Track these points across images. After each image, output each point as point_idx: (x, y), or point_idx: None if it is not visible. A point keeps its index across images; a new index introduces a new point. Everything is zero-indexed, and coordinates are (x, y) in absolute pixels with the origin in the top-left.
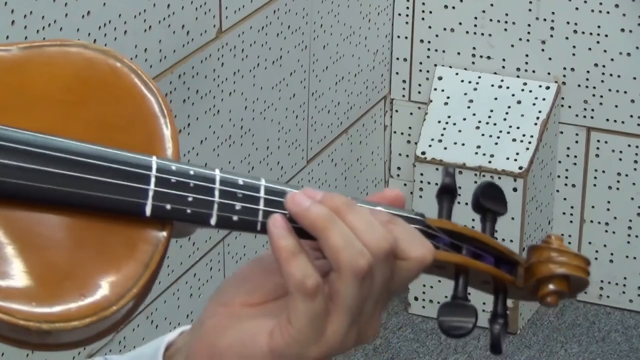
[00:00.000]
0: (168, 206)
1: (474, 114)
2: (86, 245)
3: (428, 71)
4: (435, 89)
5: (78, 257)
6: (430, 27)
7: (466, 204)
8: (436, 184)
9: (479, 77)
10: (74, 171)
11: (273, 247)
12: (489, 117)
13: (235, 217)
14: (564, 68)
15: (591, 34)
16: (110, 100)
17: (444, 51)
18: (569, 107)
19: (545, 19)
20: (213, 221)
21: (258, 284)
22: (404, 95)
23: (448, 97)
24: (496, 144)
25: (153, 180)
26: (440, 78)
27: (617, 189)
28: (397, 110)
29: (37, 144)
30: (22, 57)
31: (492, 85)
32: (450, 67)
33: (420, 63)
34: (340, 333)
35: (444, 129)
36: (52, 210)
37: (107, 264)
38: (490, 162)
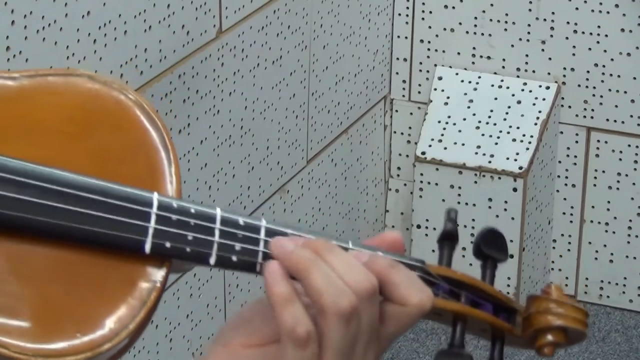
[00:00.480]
0: (168, 244)
1: (474, 114)
2: (84, 280)
3: (428, 71)
4: (435, 89)
5: (75, 292)
6: (430, 27)
7: (466, 204)
8: (436, 184)
9: (479, 77)
10: (73, 205)
11: (267, 293)
12: (489, 117)
13: (234, 258)
14: (564, 68)
15: (591, 34)
16: (114, 133)
17: (444, 51)
18: (569, 107)
19: (545, 19)
20: (212, 261)
21: (258, 326)
22: (404, 95)
23: (448, 97)
24: (496, 144)
25: (154, 217)
26: (440, 78)
27: (617, 189)
28: (397, 110)
29: (36, 176)
30: (26, 86)
31: (492, 85)
32: (450, 67)
33: (420, 63)
34: None
35: (444, 129)
36: (50, 245)
37: (104, 300)
38: (490, 162)
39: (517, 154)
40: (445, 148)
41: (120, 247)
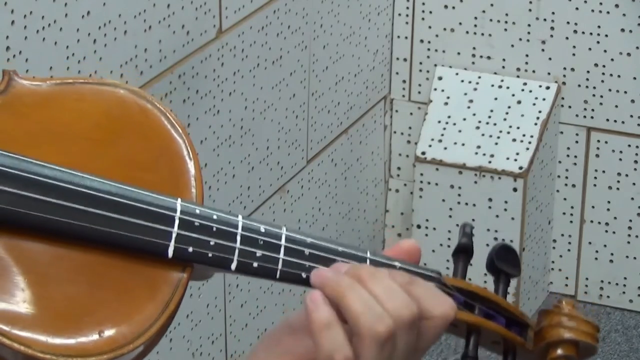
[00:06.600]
0: (190, 249)
1: (474, 114)
2: (107, 282)
3: (428, 71)
4: (435, 89)
5: (98, 294)
6: (430, 27)
7: (466, 204)
8: (436, 184)
9: (479, 77)
10: (98, 209)
11: (308, 318)
12: (489, 117)
13: (255, 264)
14: (564, 68)
15: (591, 34)
16: (138, 140)
17: (444, 51)
18: (569, 107)
19: (545, 19)
20: (233, 266)
21: (289, 347)
22: (404, 95)
23: (448, 97)
24: (496, 144)
25: (177, 222)
26: (440, 78)
27: (617, 189)
28: (397, 110)
29: (62, 179)
30: (53, 93)
31: (492, 85)
32: (450, 67)
33: (420, 63)
34: None
35: (444, 129)
36: (75, 247)
37: (126, 302)
38: (490, 162)
39: (517, 154)
40: (445, 148)
41: (144, 250)
